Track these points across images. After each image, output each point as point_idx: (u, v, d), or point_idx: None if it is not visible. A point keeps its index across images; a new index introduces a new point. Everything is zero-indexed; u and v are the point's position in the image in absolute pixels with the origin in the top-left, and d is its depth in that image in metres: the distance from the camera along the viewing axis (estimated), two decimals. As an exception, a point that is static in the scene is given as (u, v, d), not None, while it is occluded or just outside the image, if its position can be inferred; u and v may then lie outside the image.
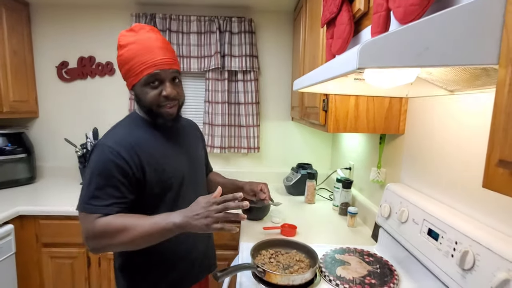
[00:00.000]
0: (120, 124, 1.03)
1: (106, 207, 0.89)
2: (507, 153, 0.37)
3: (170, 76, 0.96)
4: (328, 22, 1.07)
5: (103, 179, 0.89)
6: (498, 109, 0.40)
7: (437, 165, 1.09)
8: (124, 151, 0.91)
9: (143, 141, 0.97)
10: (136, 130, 0.99)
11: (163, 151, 1.01)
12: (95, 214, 0.88)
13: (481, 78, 0.74)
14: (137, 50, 0.92)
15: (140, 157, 0.93)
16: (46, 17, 2.26)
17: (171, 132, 1.07)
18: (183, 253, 1.06)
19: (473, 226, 0.84)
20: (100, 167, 0.90)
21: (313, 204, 1.92)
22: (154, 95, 0.95)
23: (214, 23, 2.19)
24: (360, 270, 1.09)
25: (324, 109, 1.34)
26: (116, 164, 0.90)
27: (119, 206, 0.90)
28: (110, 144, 0.92)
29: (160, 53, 0.94)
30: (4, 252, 1.61)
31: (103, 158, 0.90)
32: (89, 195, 0.89)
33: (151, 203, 0.98)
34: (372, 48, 0.47)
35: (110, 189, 0.89)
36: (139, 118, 1.03)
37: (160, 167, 0.97)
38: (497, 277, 0.68)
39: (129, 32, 0.96)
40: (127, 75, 0.96)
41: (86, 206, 0.89)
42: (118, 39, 0.97)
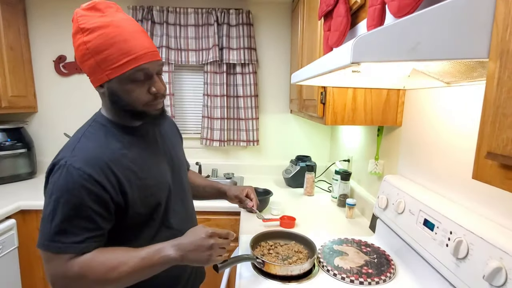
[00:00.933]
0: (86, 134, 0.80)
1: (78, 244, 0.71)
2: (495, 145, 0.38)
3: (157, 69, 0.79)
4: (325, 14, 1.07)
5: (73, 210, 0.70)
6: (488, 102, 0.40)
7: (433, 157, 1.10)
8: (98, 172, 0.73)
9: (118, 155, 0.78)
10: (108, 140, 0.79)
11: (143, 162, 0.83)
12: (64, 255, 0.71)
13: (477, 70, 0.75)
14: (114, 36, 0.72)
15: (118, 176, 0.76)
16: (42, 11, 2.24)
17: (147, 135, 0.89)
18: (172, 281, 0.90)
19: (467, 216, 0.85)
20: (66, 194, 0.70)
21: (312, 196, 1.94)
22: (141, 93, 0.77)
23: (211, 15, 2.18)
24: (357, 260, 1.12)
25: (322, 101, 1.34)
26: (88, 191, 0.71)
27: (94, 240, 0.74)
28: (78, 164, 0.72)
29: (144, 40, 0.76)
30: (7, 247, 1.64)
31: (71, 184, 0.70)
32: (54, 230, 0.70)
33: (137, 224, 0.82)
34: (366, 42, 0.47)
35: (82, 221, 0.72)
36: (108, 122, 0.83)
37: (143, 183, 0.81)
38: (490, 265, 0.69)
39: (92, 12, 0.74)
40: (98, 68, 0.73)
41: (51, 244, 0.70)
42: (75, 20, 0.73)
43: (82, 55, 0.74)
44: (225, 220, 1.80)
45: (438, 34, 0.44)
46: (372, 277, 1.01)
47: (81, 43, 0.73)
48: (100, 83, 0.76)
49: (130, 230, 0.81)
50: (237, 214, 1.76)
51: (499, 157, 0.38)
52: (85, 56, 0.73)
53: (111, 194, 0.74)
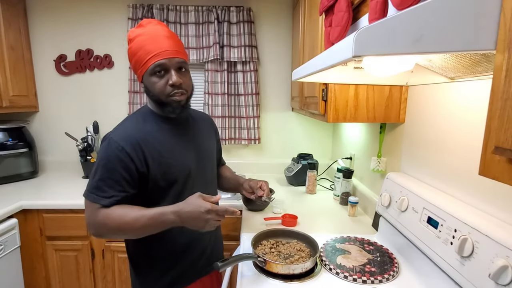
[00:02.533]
0: (129, 118, 1.04)
1: (106, 199, 0.92)
2: (503, 139, 0.37)
3: (176, 65, 0.96)
4: (326, 9, 1.05)
5: (106, 172, 0.92)
6: (495, 95, 0.39)
7: (437, 154, 1.09)
8: (129, 146, 0.93)
9: (149, 136, 0.98)
10: (144, 124, 1.00)
11: (169, 145, 1.01)
12: (96, 204, 0.92)
13: (482, 65, 0.73)
14: (143, 41, 0.94)
15: (144, 152, 0.95)
16: (43, 11, 2.23)
17: (180, 126, 1.07)
18: (187, 245, 1.07)
19: (472, 214, 0.84)
20: (105, 160, 0.93)
21: (314, 194, 1.93)
22: (161, 85, 0.95)
23: (212, 13, 2.17)
24: (360, 258, 1.10)
25: (323, 98, 1.33)
26: (119, 159, 0.92)
27: (118, 199, 0.93)
28: (117, 138, 0.94)
29: (166, 42, 0.95)
30: (9, 246, 1.64)
31: (109, 152, 0.93)
32: (93, 184, 0.93)
33: (156, 196, 0.99)
34: (368, 35, 0.46)
35: (112, 182, 0.92)
36: (148, 111, 1.04)
37: (165, 161, 0.98)
38: (495, 263, 0.68)
39: (138, 28, 0.99)
40: (136, 67, 0.97)
41: (89, 194, 0.93)
42: (128, 35, 1.00)
43: (129, 58, 0.99)
44: (227, 218, 1.78)
45: (443, 25, 0.43)
46: (375, 275, 1.00)
47: (128, 49, 0.99)
48: (140, 80, 1.00)
49: (150, 202, 0.97)
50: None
51: (507, 151, 0.37)
52: (130, 59, 0.99)
53: (136, 165, 0.94)
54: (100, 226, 0.92)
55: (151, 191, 0.98)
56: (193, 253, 1.09)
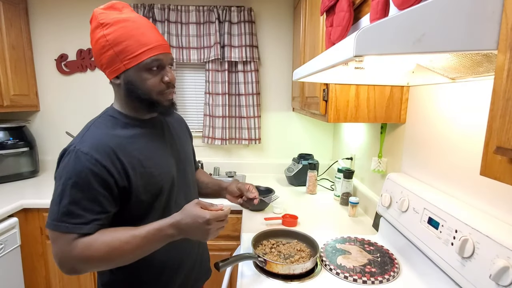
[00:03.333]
0: (95, 124, 0.86)
1: (84, 225, 0.75)
2: (505, 139, 0.37)
3: (169, 62, 0.86)
4: (327, 9, 1.05)
5: (80, 192, 0.75)
6: (497, 95, 0.39)
7: (438, 154, 1.08)
8: (104, 157, 0.78)
9: (125, 143, 0.83)
10: (116, 130, 0.85)
11: (148, 152, 0.87)
12: (70, 235, 0.75)
13: (483, 65, 0.73)
14: (133, 29, 0.79)
15: (123, 162, 0.80)
16: (44, 10, 2.24)
17: (155, 129, 0.94)
18: (175, 265, 0.94)
19: (473, 215, 0.83)
20: (75, 177, 0.75)
21: (315, 195, 1.93)
22: (155, 81, 0.83)
23: (213, 12, 2.17)
24: (360, 259, 1.10)
25: (324, 98, 1.33)
26: (94, 174, 0.76)
27: (99, 223, 0.78)
28: (86, 149, 0.77)
29: (158, 35, 0.84)
30: (10, 245, 1.64)
31: (79, 167, 0.75)
32: (63, 211, 0.74)
33: (138, 212, 0.85)
34: (369, 35, 0.46)
35: (89, 203, 0.76)
36: (118, 114, 0.88)
37: (147, 171, 0.84)
38: (496, 264, 0.68)
39: (111, 10, 0.82)
40: (117, 58, 0.80)
41: (58, 224, 0.74)
42: (95, 17, 0.81)
43: (102, 47, 0.80)
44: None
45: (444, 24, 0.43)
46: (375, 276, 1.00)
47: (101, 36, 0.79)
48: (117, 74, 0.82)
49: (133, 219, 0.84)
50: (239, 213, 1.75)
51: (509, 152, 0.36)
52: (105, 48, 0.80)
53: (115, 178, 0.79)
54: (80, 261, 0.75)
55: (133, 206, 0.83)
56: (183, 273, 0.97)
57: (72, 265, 0.76)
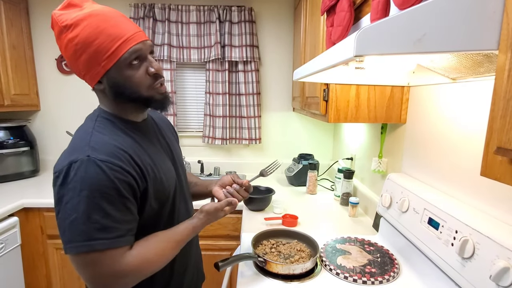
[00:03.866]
0: (97, 129, 0.76)
1: (121, 238, 0.69)
2: (506, 140, 0.37)
3: (149, 49, 0.77)
4: (328, 9, 1.05)
5: (109, 203, 0.68)
6: (497, 95, 0.39)
7: (438, 155, 1.08)
8: (125, 162, 0.71)
9: (135, 148, 0.77)
10: (119, 134, 0.77)
11: (154, 157, 0.82)
12: (117, 250, 0.69)
13: (484, 65, 0.73)
14: (99, 25, 0.69)
15: (140, 166, 0.75)
16: (45, 10, 2.24)
17: (149, 132, 0.87)
18: (182, 268, 0.93)
19: (473, 215, 0.83)
20: (102, 187, 0.67)
21: (315, 195, 1.93)
22: (140, 76, 0.75)
23: (213, 12, 2.17)
24: (360, 259, 1.10)
25: (324, 99, 1.33)
26: (122, 181, 0.70)
27: (133, 233, 0.73)
28: (104, 157, 0.69)
29: (129, 23, 0.74)
30: (10, 244, 1.64)
31: (104, 177, 0.67)
32: (95, 227, 0.66)
33: (148, 222, 0.80)
34: (370, 35, 0.46)
35: (120, 214, 0.69)
36: (112, 117, 0.79)
37: (157, 177, 0.80)
38: (497, 265, 0.67)
39: (70, 9, 0.72)
40: (93, 61, 0.71)
41: (94, 243, 0.66)
42: (55, 21, 0.71)
43: (73, 53, 0.71)
44: (227, 218, 1.79)
45: (445, 24, 0.42)
46: (375, 276, 0.99)
47: (68, 40, 0.70)
48: (98, 79, 0.74)
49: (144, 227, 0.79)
50: (239, 213, 1.75)
51: (509, 152, 0.36)
52: (76, 53, 0.70)
53: (138, 182, 0.74)
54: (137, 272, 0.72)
55: (145, 213, 0.78)
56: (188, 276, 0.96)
57: (125, 280, 0.71)
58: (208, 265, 1.34)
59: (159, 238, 0.78)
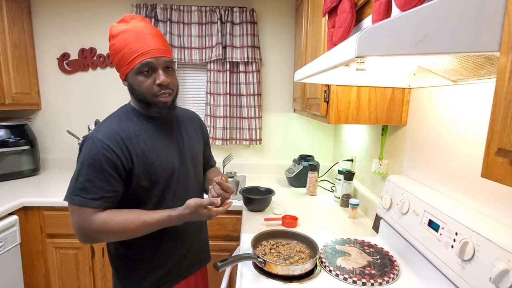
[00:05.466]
0: (111, 117, 1.01)
1: (94, 201, 0.89)
2: (507, 141, 0.37)
3: (163, 65, 0.94)
4: (329, 11, 1.05)
5: (93, 172, 0.89)
6: (498, 97, 0.39)
7: (439, 157, 1.08)
8: (114, 144, 0.91)
9: (133, 134, 0.96)
10: (127, 122, 0.98)
11: (153, 145, 0.99)
12: (90, 209, 0.88)
13: (485, 67, 0.73)
14: (128, 38, 0.91)
15: (129, 149, 0.93)
16: (47, 9, 2.24)
17: (164, 125, 1.05)
18: (171, 246, 1.06)
19: (473, 217, 0.83)
20: (90, 159, 0.89)
21: (315, 196, 1.92)
22: (148, 84, 0.93)
23: (215, 13, 2.17)
24: (360, 260, 1.10)
25: (325, 100, 1.33)
26: (106, 157, 0.89)
27: (107, 201, 0.91)
28: (100, 137, 0.91)
29: (152, 40, 0.93)
30: (10, 243, 1.64)
31: (94, 151, 0.89)
32: (78, 186, 0.88)
33: (138, 196, 0.98)
34: (371, 36, 0.46)
35: (100, 182, 0.89)
36: (131, 109, 1.02)
37: (149, 160, 0.96)
38: (496, 267, 0.67)
39: (121, 23, 0.96)
40: (120, 65, 0.94)
41: (73, 197, 0.88)
42: (110, 30, 0.96)
43: (111, 55, 0.96)
44: (227, 219, 1.79)
45: (446, 26, 0.43)
46: (375, 278, 0.99)
47: (110, 46, 0.95)
48: (123, 78, 0.97)
49: (135, 202, 0.97)
50: (239, 213, 1.75)
51: (510, 153, 0.36)
52: (112, 56, 0.95)
53: (123, 162, 0.92)
54: (97, 233, 0.90)
55: (134, 190, 0.96)
56: (177, 254, 1.07)
57: (90, 236, 0.90)
58: (208, 265, 1.33)
59: (130, 213, 0.93)
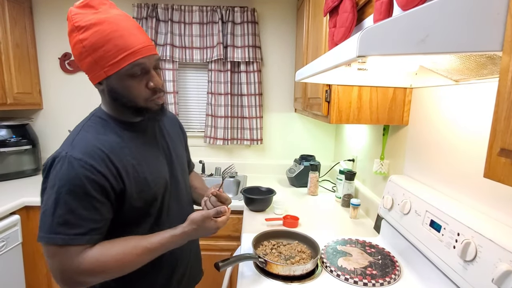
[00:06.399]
0: (85, 127, 0.80)
1: (82, 236, 0.71)
2: (509, 141, 0.36)
3: (154, 64, 0.79)
4: (330, 10, 1.05)
5: (75, 200, 0.70)
6: (501, 97, 0.39)
7: (440, 157, 1.08)
8: (99, 162, 0.73)
9: (116, 147, 0.78)
10: (106, 134, 0.80)
11: (141, 157, 0.83)
12: (77, 247, 0.71)
13: (487, 67, 0.73)
14: (110, 32, 0.71)
15: (117, 166, 0.76)
16: (48, 9, 2.25)
17: (146, 131, 0.89)
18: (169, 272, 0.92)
19: (475, 218, 0.83)
20: (69, 185, 0.70)
21: (316, 196, 1.92)
22: (140, 89, 0.77)
23: (216, 13, 2.17)
24: (361, 261, 1.10)
25: (326, 100, 1.32)
26: (90, 180, 0.71)
27: (97, 233, 0.74)
28: (79, 155, 0.72)
29: (139, 35, 0.76)
30: (11, 242, 1.64)
31: (73, 174, 0.70)
32: (58, 221, 0.69)
33: (132, 218, 0.82)
34: (373, 35, 0.45)
35: (85, 212, 0.71)
36: (107, 117, 0.83)
37: (141, 177, 0.81)
38: (499, 268, 0.67)
39: (86, 9, 0.74)
40: (96, 65, 0.74)
41: (53, 236, 0.69)
42: (70, 19, 0.73)
43: (79, 53, 0.74)
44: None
45: (448, 25, 0.42)
46: (376, 278, 0.99)
47: (77, 41, 0.73)
48: (98, 80, 0.77)
49: (128, 224, 0.82)
50: (240, 213, 1.75)
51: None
52: (82, 54, 0.73)
53: (111, 183, 0.75)
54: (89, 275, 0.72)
55: (127, 213, 0.80)
56: (172, 284, 0.94)
57: (80, 279, 0.72)
58: (208, 265, 1.34)
59: (126, 242, 0.77)
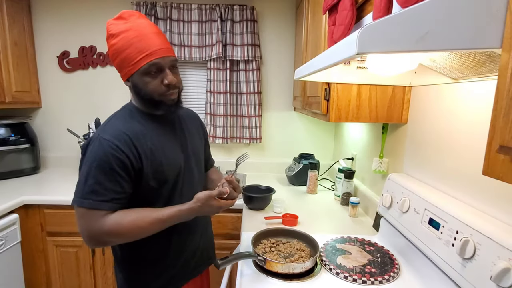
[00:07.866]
0: (115, 116, 0.99)
1: (105, 203, 0.87)
2: (508, 138, 0.36)
3: (169, 64, 0.93)
4: (330, 8, 1.05)
5: (102, 173, 0.86)
6: (500, 94, 0.39)
7: (439, 155, 1.08)
8: (123, 144, 0.89)
9: (139, 134, 0.94)
10: (132, 122, 0.96)
11: (159, 144, 0.98)
12: (100, 211, 0.86)
13: (487, 65, 0.73)
14: (132, 38, 0.89)
15: (137, 149, 0.91)
16: (47, 7, 2.24)
17: (167, 124, 1.04)
18: (179, 247, 1.05)
19: (474, 216, 0.83)
20: (99, 160, 0.87)
21: (315, 194, 1.92)
22: (156, 84, 0.92)
23: (215, 11, 2.17)
24: (360, 259, 1.10)
25: (326, 98, 1.32)
26: (116, 158, 0.87)
27: (118, 202, 0.89)
28: (108, 137, 0.89)
29: (157, 39, 0.91)
30: (10, 241, 1.64)
31: (101, 152, 0.87)
32: (87, 190, 0.86)
33: (147, 196, 0.96)
34: (372, 32, 0.45)
35: (110, 184, 0.87)
36: (135, 109, 1.00)
37: (157, 160, 0.95)
38: (497, 265, 0.67)
39: (119, 20, 0.93)
40: (123, 65, 0.92)
41: (83, 200, 0.86)
42: (107, 29, 0.93)
43: (112, 55, 0.93)
44: (227, 217, 1.79)
45: (448, 22, 0.42)
46: (375, 276, 0.99)
47: (110, 46, 0.92)
48: (126, 78, 0.94)
49: (144, 203, 0.95)
50: (239, 212, 1.75)
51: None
52: (113, 56, 0.93)
53: (132, 161, 0.90)
54: (110, 235, 0.87)
55: (142, 190, 0.95)
56: (185, 255, 1.06)
57: (101, 238, 0.88)
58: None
59: (140, 212, 0.91)
